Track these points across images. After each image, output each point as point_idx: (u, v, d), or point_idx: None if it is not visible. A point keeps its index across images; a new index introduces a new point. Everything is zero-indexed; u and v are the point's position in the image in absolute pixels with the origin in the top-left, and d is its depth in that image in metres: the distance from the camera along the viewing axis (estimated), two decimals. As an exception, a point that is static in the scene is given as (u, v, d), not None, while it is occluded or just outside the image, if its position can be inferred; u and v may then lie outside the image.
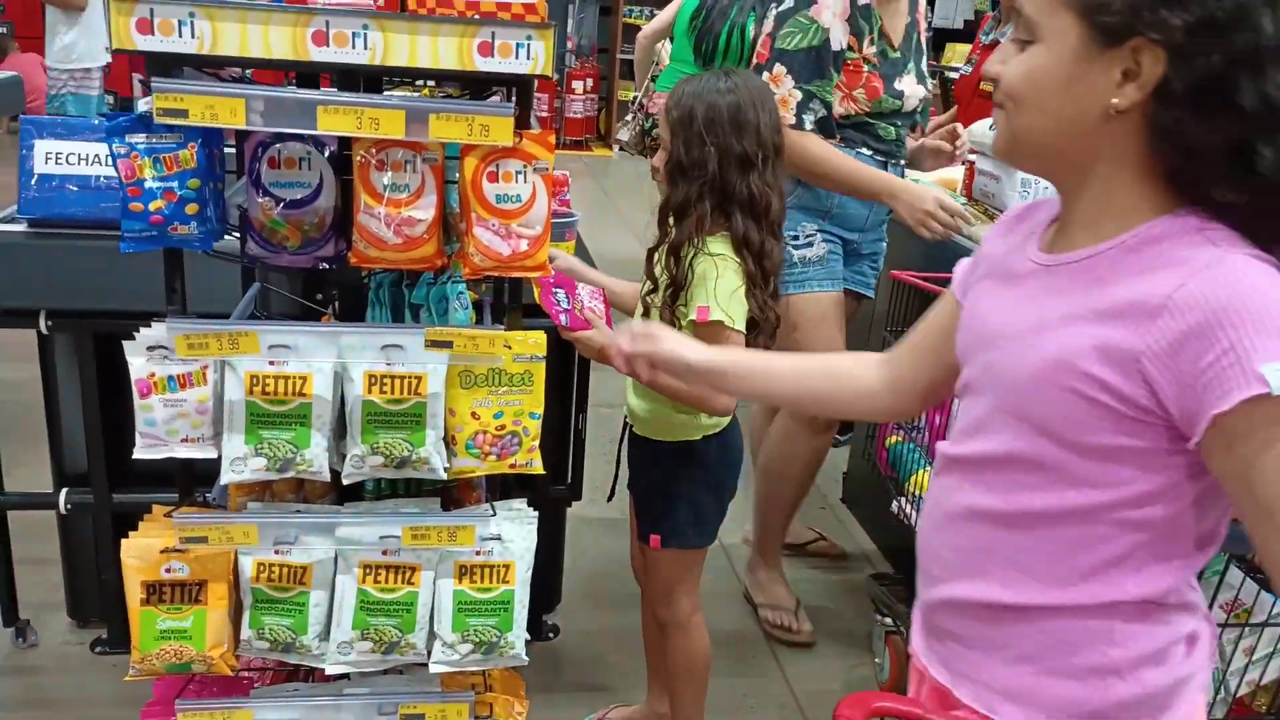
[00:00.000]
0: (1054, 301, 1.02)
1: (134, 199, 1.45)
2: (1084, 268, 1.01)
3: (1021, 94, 1.01)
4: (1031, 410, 1.02)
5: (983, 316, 1.13)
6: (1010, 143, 1.06)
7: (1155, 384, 0.93)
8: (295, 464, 1.55)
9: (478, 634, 1.68)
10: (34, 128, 2.19)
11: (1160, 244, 0.96)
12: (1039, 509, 1.04)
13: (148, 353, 1.51)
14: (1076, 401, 0.97)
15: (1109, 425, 0.97)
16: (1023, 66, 1.00)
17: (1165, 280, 0.92)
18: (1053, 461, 1.02)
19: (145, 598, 1.60)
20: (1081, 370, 0.96)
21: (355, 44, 1.40)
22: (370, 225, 1.51)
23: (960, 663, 1.14)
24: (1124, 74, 0.95)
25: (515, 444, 1.64)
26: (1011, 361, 1.04)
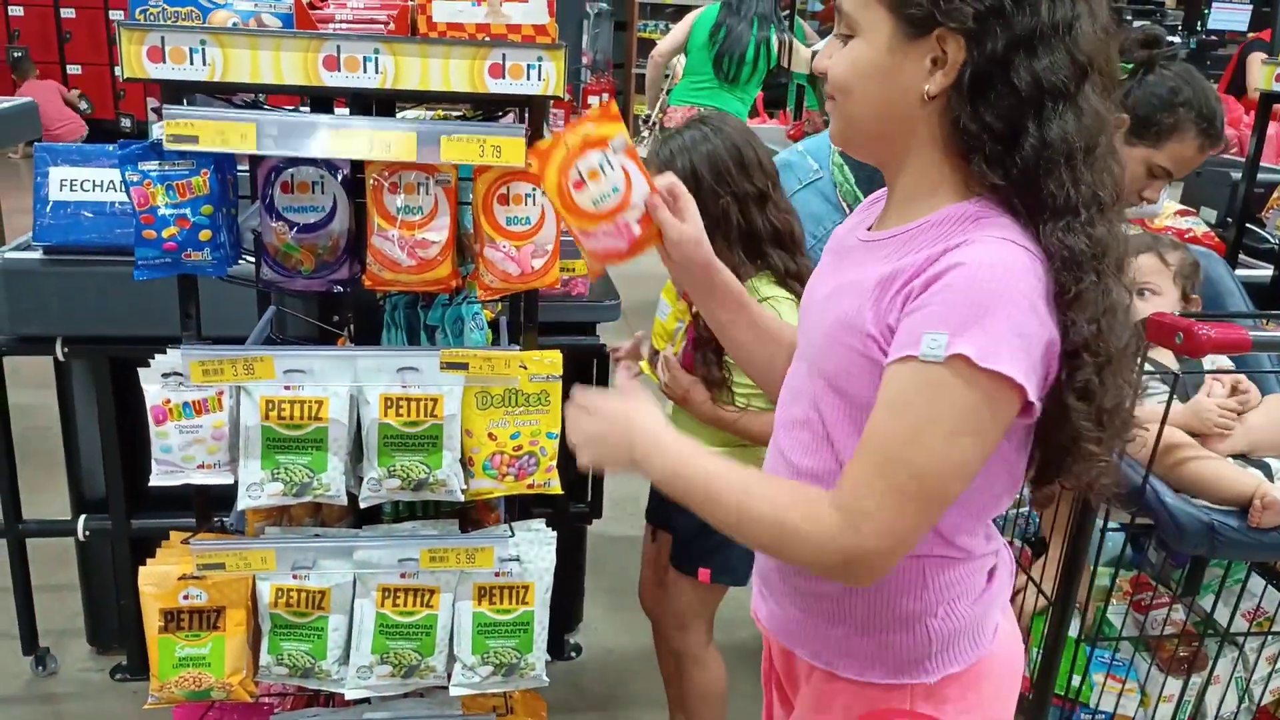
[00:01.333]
0: (855, 272, 1.09)
1: (147, 226, 1.45)
2: (889, 244, 1.08)
3: (847, 84, 1.06)
4: (825, 367, 1.10)
5: (809, 289, 1.21)
6: (844, 130, 1.11)
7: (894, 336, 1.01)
8: (312, 488, 1.54)
9: (498, 655, 1.67)
10: (49, 155, 2.19)
11: (940, 227, 1.03)
12: (841, 466, 1.07)
13: (162, 380, 1.51)
14: (855, 358, 1.04)
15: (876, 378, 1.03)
16: (846, 59, 1.06)
17: (923, 255, 1.00)
18: (846, 418, 1.08)
19: (163, 625, 1.60)
20: (859, 329, 1.04)
21: (367, 68, 1.40)
22: (384, 248, 1.51)
23: (794, 625, 1.21)
24: (933, 61, 1.01)
25: (533, 464, 1.63)
26: (815, 322, 1.13)
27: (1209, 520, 1.61)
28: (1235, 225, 2.60)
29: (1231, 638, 1.88)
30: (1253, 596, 1.94)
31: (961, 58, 0.99)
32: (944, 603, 1.13)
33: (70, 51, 8.43)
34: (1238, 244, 2.59)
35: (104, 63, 8.44)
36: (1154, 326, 1.45)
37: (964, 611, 1.13)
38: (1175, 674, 1.84)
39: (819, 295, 1.16)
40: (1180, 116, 1.93)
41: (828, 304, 1.11)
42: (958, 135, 1.02)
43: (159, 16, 1.39)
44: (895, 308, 1.01)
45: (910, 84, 1.02)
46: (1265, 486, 1.63)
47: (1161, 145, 1.95)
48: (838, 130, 1.13)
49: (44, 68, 8.39)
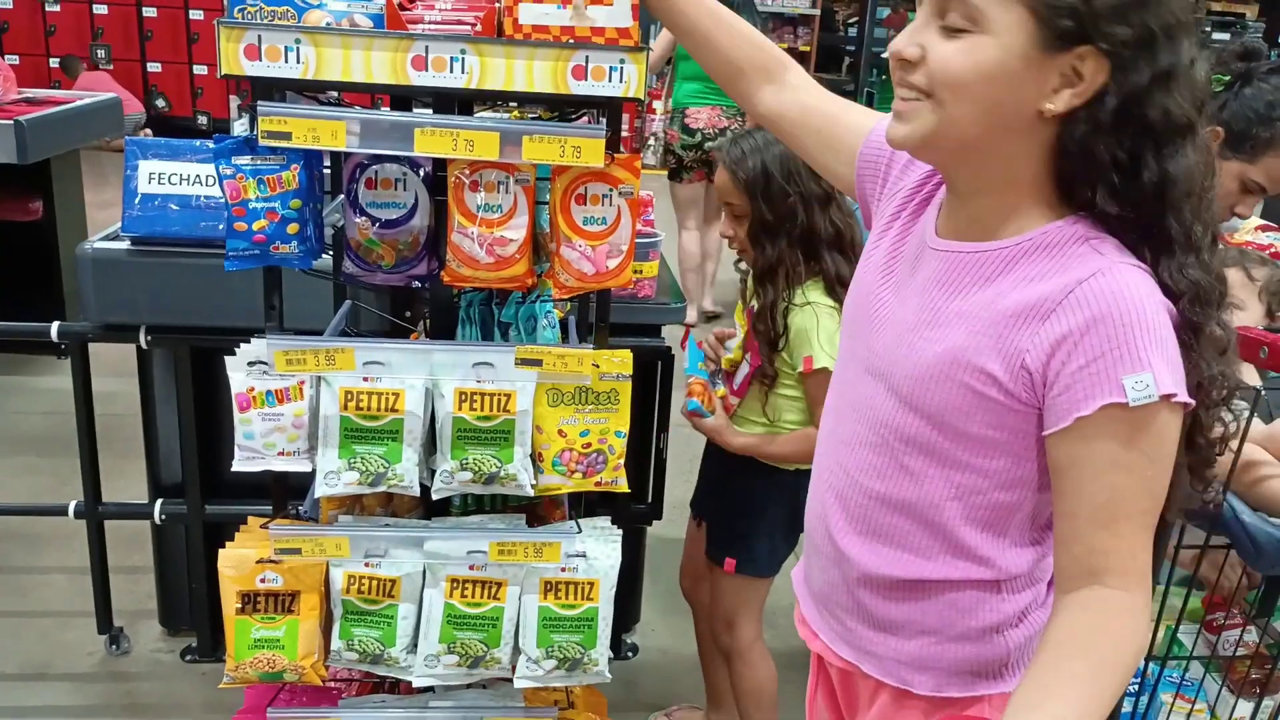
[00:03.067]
0: (946, 296, 1.06)
1: (239, 219, 1.49)
2: (975, 262, 1.04)
3: (963, 82, 0.96)
4: (924, 400, 1.06)
5: (872, 295, 1.16)
6: (933, 131, 1.00)
7: (1034, 379, 0.98)
8: (387, 478, 1.57)
9: (562, 650, 1.68)
10: (138, 148, 2.27)
11: (1051, 250, 1.00)
12: (928, 495, 1.09)
13: (248, 368, 1.55)
14: (966, 394, 1.02)
15: (993, 417, 1.02)
16: (967, 56, 0.95)
17: (1055, 285, 0.97)
18: (940, 448, 1.07)
19: (240, 607, 1.64)
20: (975, 365, 1.01)
21: (453, 68, 1.43)
22: (463, 245, 1.54)
23: (864, 641, 1.19)
24: (1062, 78, 0.95)
25: (601, 462, 1.65)
26: (907, 352, 1.08)
27: (1287, 539, 1.58)
28: (1319, 242, 2.54)
29: (1306, 662, 1.83)
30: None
31: (1101, 81, 0.94)
32: (1019, 611, 1.13)
33: (151, 49, 8.67)
34: (1321, 261, 2.53)
35: (183, 61, 8.66)
36: (1238, 341, 1.42)
37: (1038, 617, 1.14)
38: (1247, 696, 1.80)
39: (902, 316, 1.10)
40: (1277, 131, 1.89)
41: (925, 333, 1.06)
42: (1062, 157, 0.98)
43: (256, 15, 1.43)
44: (1039, 350, 0.97)
45: (1030, 96, 0.95)
46: None
47: (1257, 160, 1.91)
48: (924, 130, 1.01)
49: (126, 65, 8.64)
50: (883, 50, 9.25)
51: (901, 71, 1.00)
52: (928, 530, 1.11)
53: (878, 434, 1.12)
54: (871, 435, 1.13)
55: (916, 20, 1.00)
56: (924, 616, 1.14)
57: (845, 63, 10.90)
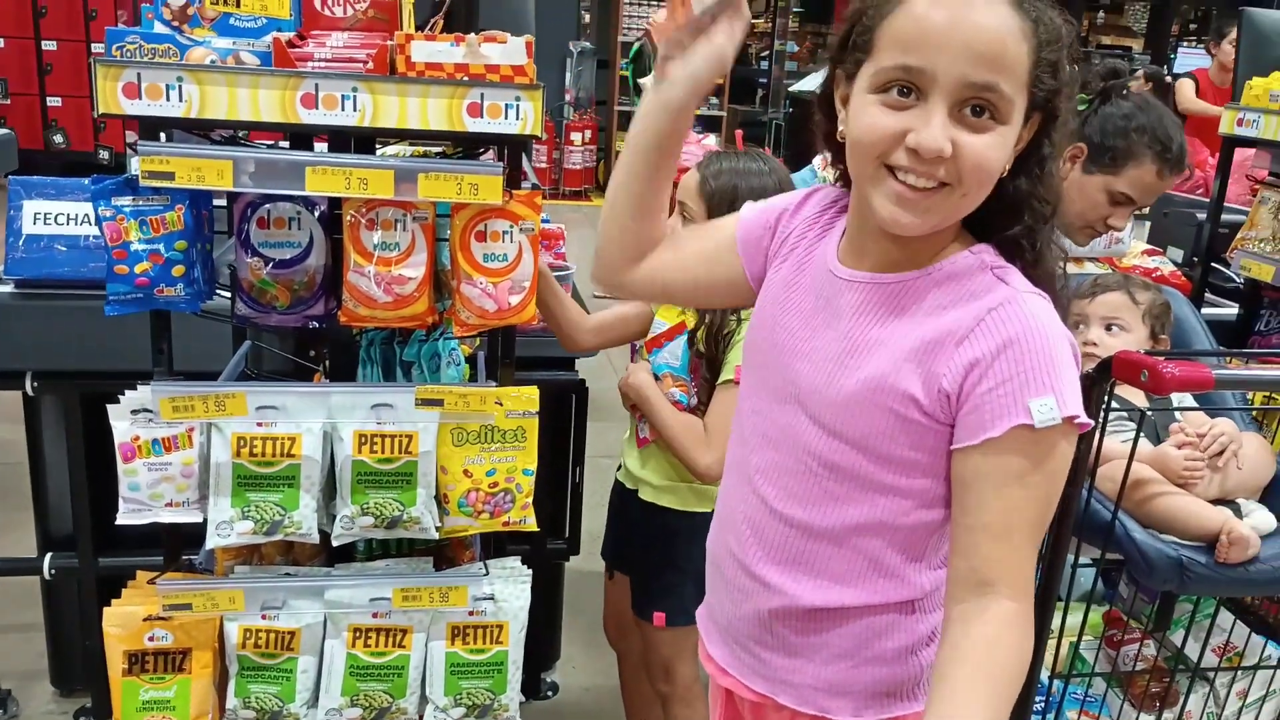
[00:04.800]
0: (864, 325, 1.08)
1: (119, 261, 1.44)
2: (891, 292, 1.08)
3: (992, 175, 1.01)
4: (849, 426, 1.08)
5: (785, 327, 1.16)
6: (946, 219, 1.04)
7: (950, 400, 1.02)
8: (284, 526, 1.52)
9: (471, 697, 1.64)
10: (22, 188, 2.18)
11: (960, 279, 1.05)
12: (851, 519, 1.10)
13: (131, 416, 1.49)
14: (890, 418, 1.05)
15: (915, 438, 1.05)
16: (1000, 151, 1.00)
17: (966, 313, 1.02)
18: (864, 472, 1.08)
19: (127, 668, 1.57)
20: (898, 390, 1.04)
21: (345, 106, 1.40)
22: (360, 284, 1.51)
23: (778, 671, 1.19)
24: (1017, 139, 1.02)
25: (509, 501, 1.62)
26: (828, 381, 1.09)
27: (1177, 556, 1.63)
28: (1201, 264, 2.65)
29: (1202, 673, 1.88)
30: (1222, 631, 1.96)
31: (1031, 134, 1.03)
32: (931, 630, 1.15)
33: (51, 84, 8.41)
34: (1203, 283, 2.64)
35: (84, 95, 8.40)
36: (1120, 363, 1.46)
37: (931, 652, 1.15)
38: (1148, 710, 1.84)
39: (819, 346, 1.11)
40: (1134, 141, 1.95)
41: (847, 362, 1.08)
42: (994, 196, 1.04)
43: (136, 53, 1.39)
44: (955, 373, 1.02)
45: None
46: (1232, 522, 1.65)
47: (1120, 171, 1.97)
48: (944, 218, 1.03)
49: (25, 99, 8.36)
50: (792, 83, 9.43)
51: (927, 165, 0.99)
52: (850, 555, 1.12)
53: (800, 461, 1.13)
54: (793, 463, 1.14)
55: (934, 113, 0.98)
56: (841, 641, 1.15)
57: (758, 94, 11.09)
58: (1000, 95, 0.97)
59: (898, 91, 0.99)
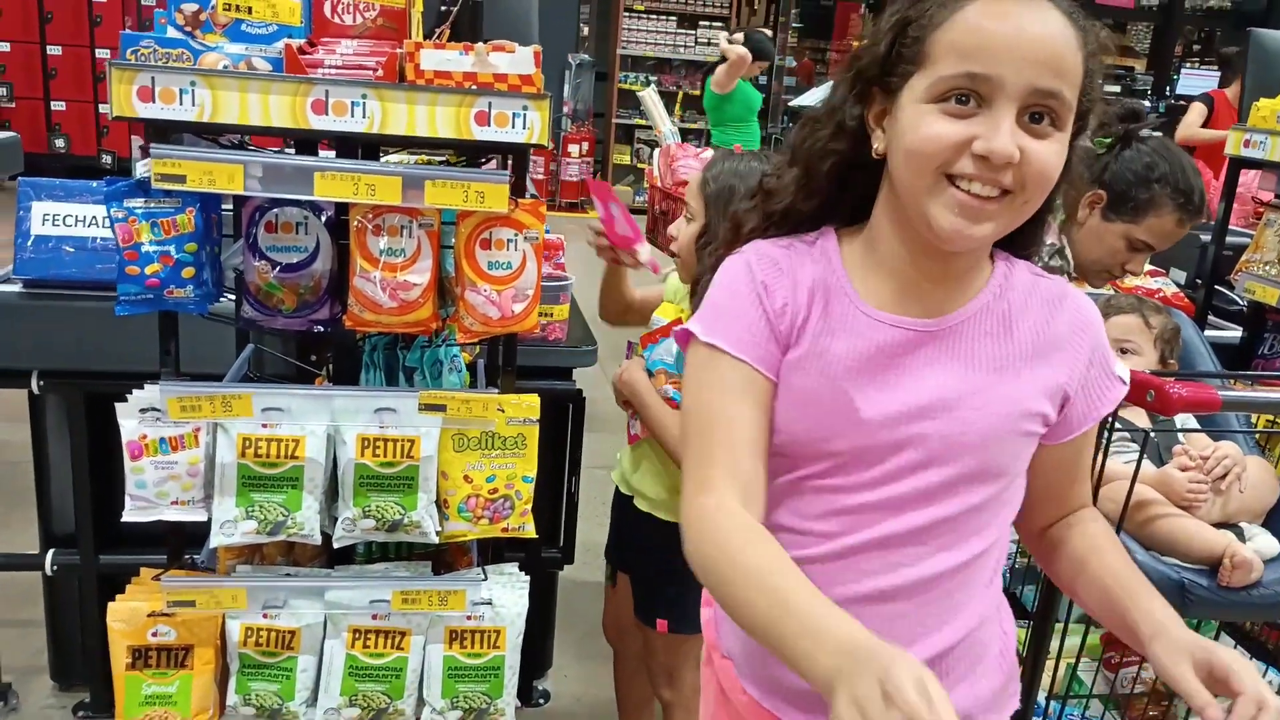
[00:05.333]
0: (970, 361, 1.07)
1: (130, 262, 1.46)
2: (974, 322, 1.08)
3: (1051, 180, 1.00)
4: (991, 464, 1.08)
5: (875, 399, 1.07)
6: (1001, 232, 1.02)
7: (1070, 402, 1.09)
8: (286, 527, 1.54)
9: (467, 700, 1.66)
10: (31, 189, 2.20)
11: (1017, 287, 1.10)
12: (985, 543, 1.12)
13: (140, 415, 1.51)
14: (1024, 440, 1.09)
15: (1029, 450, 1.11)
16: (1059, 156, 1.00)
17: (1052, 315, 1.09)
18: (1000, 497, 1.11)
19: (131, 662, 1.59)
20: (1030, 411, 1.07)
21: (354, 113, 1.42)
22: (365, 289, 1.53)
23: None
24: None
25: (508, 507, 1.64)
26: (961, 429, 1.05)
27: (1179, 578, 1.63)
28: (1204, 287, 2.64)
29: (1199, 696, 1.89)
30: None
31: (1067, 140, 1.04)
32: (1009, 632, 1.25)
33: (55, 88, 8.45)
34: (1207, 305, 2.64)
35: (88, 99, 8.44)
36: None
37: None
38: (1144, 731, 1.85)
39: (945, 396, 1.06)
40: (1156, 192, 1.95)
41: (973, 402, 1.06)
42: None
43: (150, 57, 1.41)
44: (1072, 376, 1.09)
45: None
46: (1235, 546, 1.64)
47: (1140, 220, 1.97)
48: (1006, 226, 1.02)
49: (29, 104, 8.40)
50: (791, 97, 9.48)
51: (993, 172, 0.98)
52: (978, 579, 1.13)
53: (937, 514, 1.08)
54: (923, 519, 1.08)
55: (1001, 119, 0.97)
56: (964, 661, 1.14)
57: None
58: (1062, 102, 0.98)
59: (957, 100, 0.98)
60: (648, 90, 4.06)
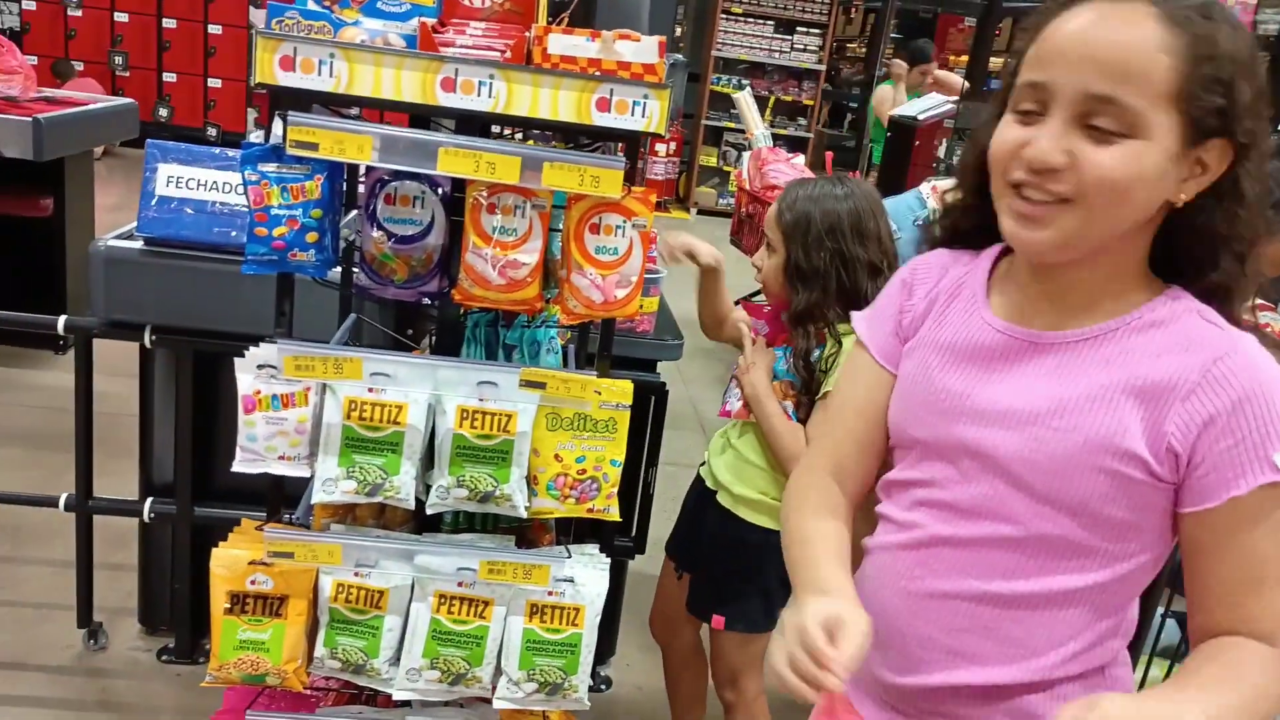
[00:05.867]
0: (1066, 383, 1.04)
1: (260, 224, 1.52)
2: (1090, 345, 1.04)
3: (1126, 188, 0.97)
4: (1067, 492, 1.03)
5: (958, 392, 1.10)
6: (1071, 237, 1.00)
7: (1180, 459, 0.99)
8: (384, 490, 1.59)
9: (543, 674, 1.69)
10: (159, 151, 2.30)
11: (1167, 325, 1.02)
12: (1059, 586, 1.06)
13: (256, 371, 1.57)
14: (1110, 480, 1.01)
15: (1135, 499, 1.02)
16: (1131, 165, 0.96)
17: (1189, 362, 0.99)
18: (1076, 538, 1.05)
19: (229, 607, 1.65)
20: (1119, 449, 1.00)
21: (481, 92, 1.47)
22: (476, 265, 1.57)
23: None
24: (1189, 170, 0.99)
25: (594, 489, 1.67)
26: (1036, 444, 1.04)
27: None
28: (1315, 322, 2.58)
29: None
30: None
31: (1224, 167, 0.99)
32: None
33: (168, 60, 8.75)
34: (1313, 342, 2.57)
35: (198, 73, 8.74)
36: None
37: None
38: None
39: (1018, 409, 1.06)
40: (1273, 218, 1.91)
41: (1053, 423, 1.03)
42: (1171, 236, 1.03)
43: (293, 28, 1.47)
44: (1186, 432, 0.99)
45: (1166, 190, 0.99)
46: None
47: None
48: (1067, 235, 1.00)
49: (142, 73, 8.72)
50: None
51: (1040, 178, 0.99)
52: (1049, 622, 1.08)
53: (998, 531, 1.08)
54: (990, 533, 1.09)
55: (1051, 126, 0.98)
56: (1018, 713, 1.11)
57: (848, 119, 11.07)
58: (1122, 107, 0.94)
59: (1026, 109, 1.00)
60: (743, 93, 4.07)
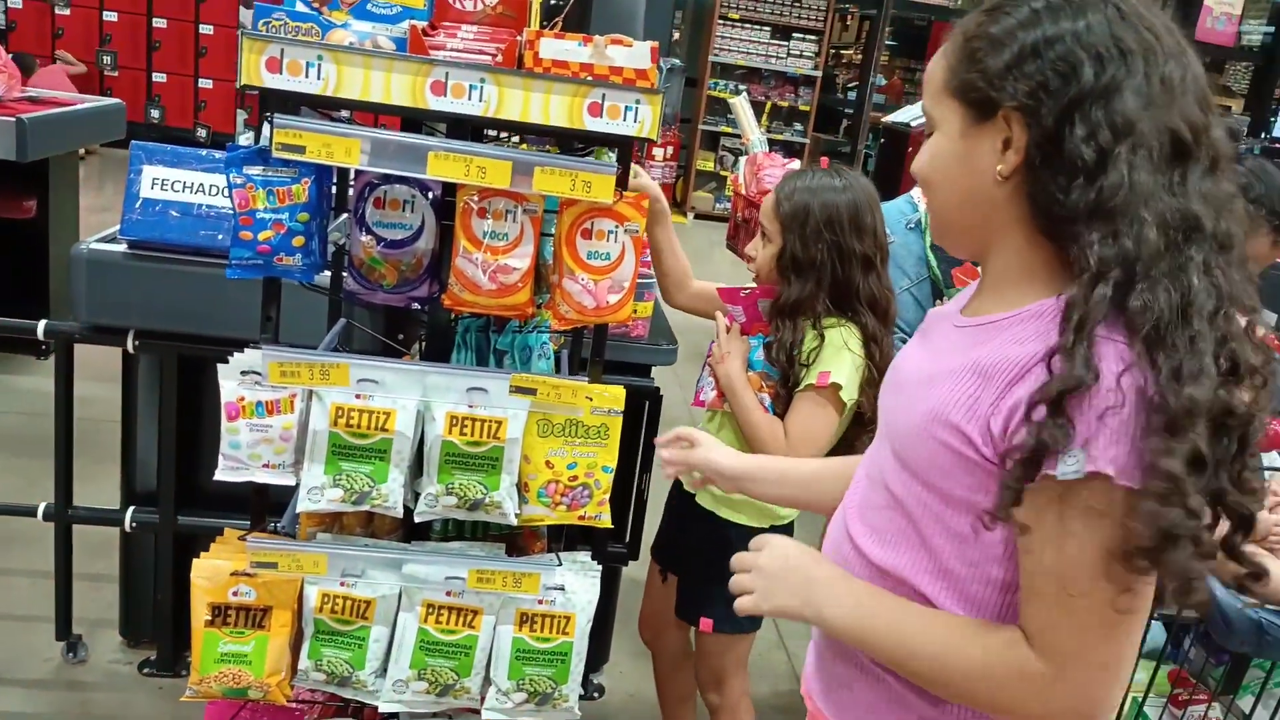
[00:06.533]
0: (948, 358, 1.07)
1: (245, 227, 1.49)
2: (980, 332, 1.06)
3: (928, 177, 1.10)
4: (912, 456, 1.07)
5: (896, 366, 1.21)
6: (937, 224, 1.15)
7: (998, 443, 0.97)
8: (371, 498, 1.57)
9: (533, 683, 1.67)
10: (143, 153, 2.27)
11: (1042, 318, 0.99)
12: (919, 564, 1.07)
13: (240, 377, 1.55)
14: (946, 452, 1.02)
15: (975, 480, 1.00)
16: (926, 153, 1.10)
17: (1029, 351, 0.97)
18: (929, 511, 1.06)
19: (210, 619, 1.62)
20: (951, 423, 1.01)
21: (471, 95, 1.44)
22: (467, 270, 1.55)
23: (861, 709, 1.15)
24: (1004, 143, 1.02)
25: (586, 496, 1.65)
26: (903, 409, 1.11)
27: (1257, 618, 1.60)
28: (1297, 329, 2.59)
29: (1272, 743, 1.84)
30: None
31: (1025, 136, 1.00)
32: None
33: (158, 60, 8.71)
34: (1299, 349, 2.58)
35: (189, 74, 8.70)
36: None
37: None
38: (1213, 775, 1.81)
39: (910, 378, 1.13)
40: (1251, 213, 1.94)
41: (919, 391, 1.08)
42: (1040, 217, 1.01)
43: (280, 29, 1.45)
44: (1001, 413, 0.96)
45: (985, 167, 1.03)
46: None
47: None
48: (934, 225, 1.16)
49: (131, 73, 8.68)
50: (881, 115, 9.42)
51: None
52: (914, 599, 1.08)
53: (881, 495, 1.13)
54: (876, 497, 1.14)
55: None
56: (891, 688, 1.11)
57: (843, 125, 11.09)
58: (927, 115, 1.10)
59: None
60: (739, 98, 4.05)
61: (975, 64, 1.03)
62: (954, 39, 1.08)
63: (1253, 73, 10.75)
